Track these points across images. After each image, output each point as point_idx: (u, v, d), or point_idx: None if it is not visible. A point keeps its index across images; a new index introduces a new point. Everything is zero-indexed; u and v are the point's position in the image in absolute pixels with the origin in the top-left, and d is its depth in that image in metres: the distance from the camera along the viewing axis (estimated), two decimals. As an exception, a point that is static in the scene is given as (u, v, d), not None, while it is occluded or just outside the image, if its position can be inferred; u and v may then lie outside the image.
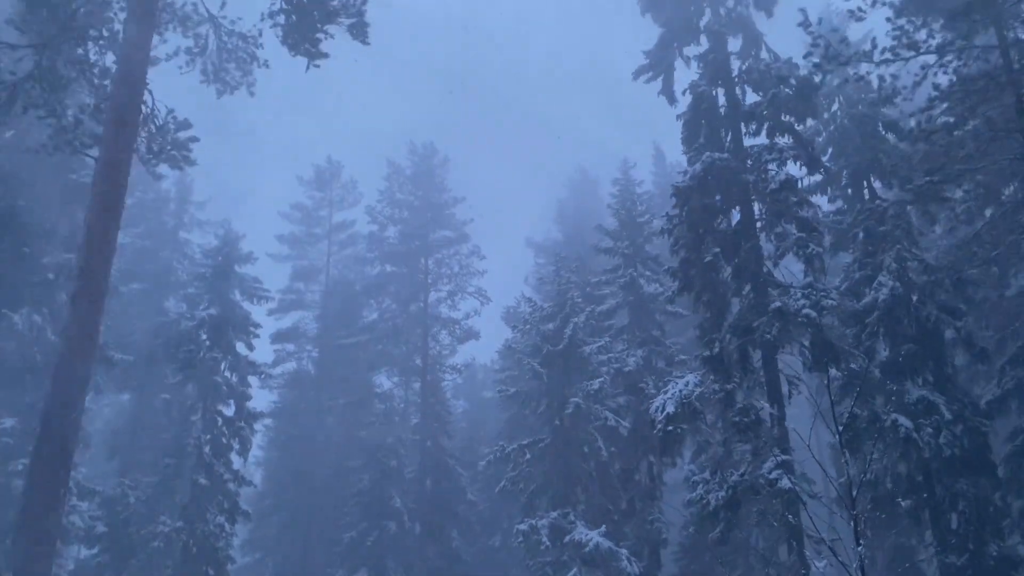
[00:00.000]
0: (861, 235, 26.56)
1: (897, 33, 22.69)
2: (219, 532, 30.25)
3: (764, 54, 25.26)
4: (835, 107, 29.78)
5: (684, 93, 25.93)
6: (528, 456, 31.18)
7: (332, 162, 54.51)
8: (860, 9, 22.87)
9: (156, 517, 29.23)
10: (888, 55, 22.92)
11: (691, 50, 26.90)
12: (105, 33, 17.78)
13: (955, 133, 22.45)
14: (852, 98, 29.02)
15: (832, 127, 29.98)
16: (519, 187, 61.79)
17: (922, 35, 22.92)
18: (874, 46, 22.73)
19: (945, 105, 22.75)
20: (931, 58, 23.25)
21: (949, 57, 22.79)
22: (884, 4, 22.98)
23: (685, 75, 30.98)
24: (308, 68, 20.14)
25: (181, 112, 19.08)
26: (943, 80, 22.66)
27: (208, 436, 31.13)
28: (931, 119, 22.82)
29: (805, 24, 23.46)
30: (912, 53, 22.79)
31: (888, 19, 23.11)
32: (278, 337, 49.42)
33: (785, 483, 18.48)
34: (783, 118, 23.75)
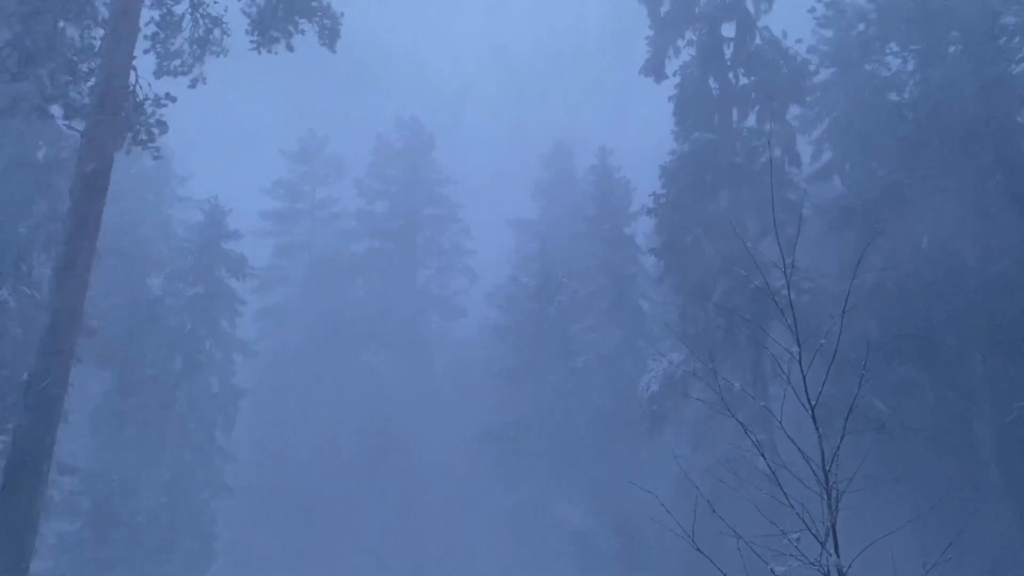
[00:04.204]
0: (858, 218, 26.76)
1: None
2: (203, 507, 30.36)
3: (757, 38, 25.26)
4: (840, 94, 29.91)
5: (674, 75, 25.87)
6: (513, 433, 31.40)
7: (316, 135, 53.90)
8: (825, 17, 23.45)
9: (140, 492, 29.24)
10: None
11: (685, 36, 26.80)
12: (87, 9, 17.46)
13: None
14: (855, 85, 29.16)
15: (836, 112, 30.15)
16: (497, 165, 61.50)
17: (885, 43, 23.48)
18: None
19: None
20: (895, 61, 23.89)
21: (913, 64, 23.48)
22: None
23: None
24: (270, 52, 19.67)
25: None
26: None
27: (192, 412, 31.15)
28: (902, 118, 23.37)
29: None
30: (875, 61, 23.39)
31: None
32: (262, 314, 49.14)
33: (761, 462, 18.69)
34: (773, 103, 23.90)
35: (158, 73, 19.16)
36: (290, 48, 19.65)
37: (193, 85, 19.57)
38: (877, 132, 27.85)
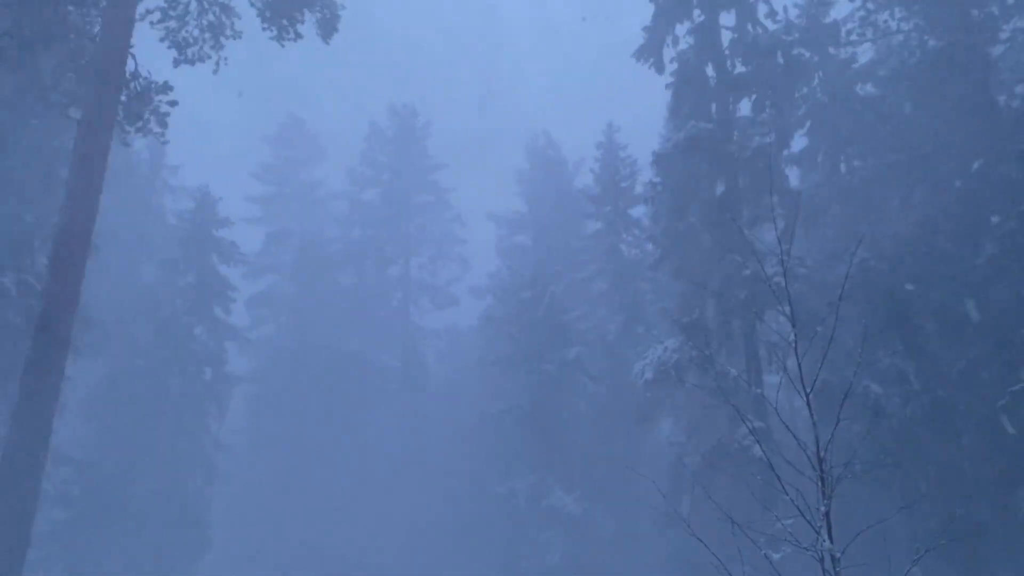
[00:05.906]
0: (837, 207, 26.88)
1: (862, 15, 23.09)
2: (198, 495, 30.41)
3: (755, 27, 25.14)
4: (815, 81, 29.97)
5: (671, 62, 25.76)
6: (507, 421, 31.46)
7: (295, 118, 53.21)
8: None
9: (134, 480, 29.27)
10: (855, 36, 23.37)
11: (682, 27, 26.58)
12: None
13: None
14: (831, 73, 29.22)
15: (812, 102, 30.17)
16: (475, 157, 61.59)
17: (884, 16, 23.37)
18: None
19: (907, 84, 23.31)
20: (897, 38, 23.78)
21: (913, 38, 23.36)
22: None
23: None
24: (281, 44, 19.70)
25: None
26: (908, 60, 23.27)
27: (186, 400, 31.14)
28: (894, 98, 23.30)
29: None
30: (873, 35, 23.29)
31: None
32: (254, 301, 48.88)
33: (757, 450, 18.83)
34: (769, 91, 23.86)
35: (177, 62, 19.36)
36: (299, 35, 19.65)
37: (216, 72, 19.73)
38: (848, 122, 27.89)
